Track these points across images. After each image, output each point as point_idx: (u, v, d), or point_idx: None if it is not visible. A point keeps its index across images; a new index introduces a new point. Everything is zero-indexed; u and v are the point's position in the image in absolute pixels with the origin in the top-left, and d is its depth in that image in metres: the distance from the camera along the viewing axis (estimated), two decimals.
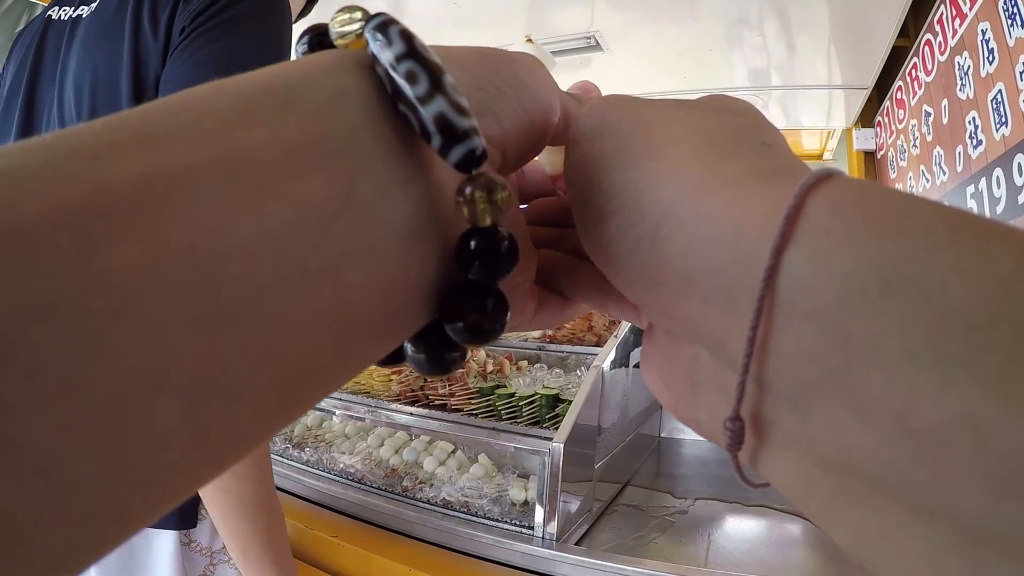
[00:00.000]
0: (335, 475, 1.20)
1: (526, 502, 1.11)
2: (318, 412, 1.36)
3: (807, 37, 1.96)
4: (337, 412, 1.32)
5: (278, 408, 0.14)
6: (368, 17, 0.17)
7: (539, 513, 1.06)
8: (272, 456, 1.25)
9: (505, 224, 0.17)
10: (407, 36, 0.16)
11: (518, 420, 1.14)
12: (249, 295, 0.13)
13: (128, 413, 0.11)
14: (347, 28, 0.17)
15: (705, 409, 0.18)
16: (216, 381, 0.12)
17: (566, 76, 2.21)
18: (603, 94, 0.25)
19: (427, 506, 1.12)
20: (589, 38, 1.86)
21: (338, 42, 0.17)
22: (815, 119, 2.56)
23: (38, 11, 2.29)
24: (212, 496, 0.71)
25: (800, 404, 0.14)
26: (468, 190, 0.16)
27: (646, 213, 0.17)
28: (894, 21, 1.88)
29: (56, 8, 0.81)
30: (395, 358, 0.19)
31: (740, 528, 1.24)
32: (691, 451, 1.62)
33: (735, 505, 1.30)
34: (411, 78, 0.15)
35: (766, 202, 0.15)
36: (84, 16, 0.76)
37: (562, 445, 1.04)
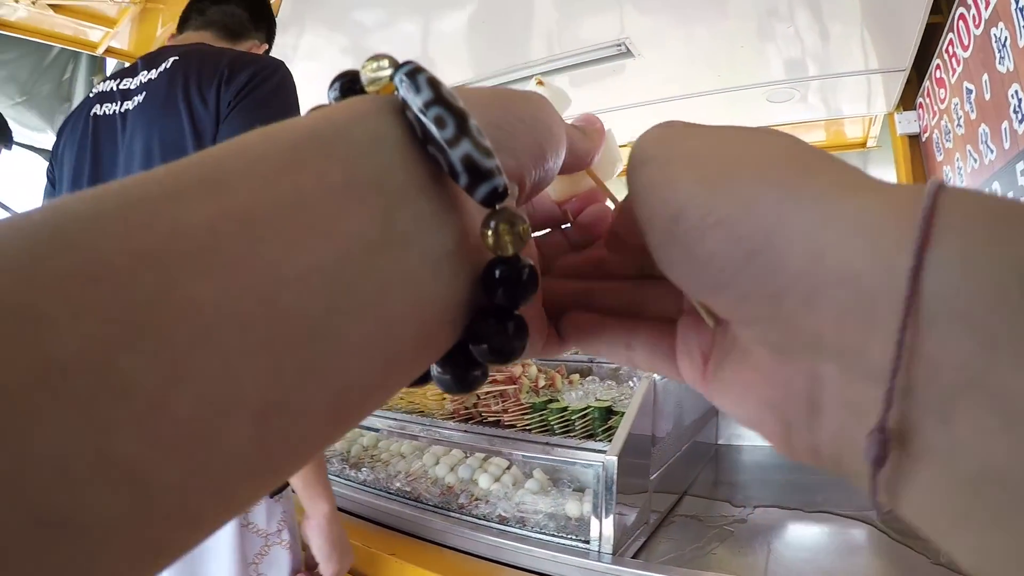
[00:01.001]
0: (392, 494, 1.24)
1: (582, 516, 1.12)
2: (373, 432, 1.41)
3: (839, 23, 1.94)
4: (393, 432, 1.37)
5: (333, 424, 0.16)
6: (397, 65, 0.18)
7: (594, 526, 1.07)
8: (330, 477, 1.30)
9: (525, 254, 0.19)
10: (434, 83, 0.17)
11: (571, 434, 1.16)
12: (307, 323, 0.14)
13: (206, 430, 0.12)
14: (378, 74, 0.19)
15: (828, 432, 0.17)
16: (280, 401, 0.14)
17: (599, 85, 2.24)
18: (604, 125, 0.29)
19: (483, 522, 1.14)
20: (620, 45, 1.88)
21: (369, 88, 0.19)
22: (856, 106, 2.52)
23: (83, 61, 2.45)
24: None
25: (944, 411, 0.13)
26: (493, 223, 0.18)
27: (759, 223, 0.17)
28: None
29: (98, 106, 1.02)
30: (420, 379, 0.20)
31: (801, 535, 1.23)
32: (750, 457, 1.61)
33: (796, 512, 1.29)
34: (439, 123, 0.17)
35: (894, 206, 0.15)
36: (132, 109, 0.99)
37: (616, 457, 1.05)
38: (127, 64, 2.26)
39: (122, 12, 2.03)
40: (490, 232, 0.18)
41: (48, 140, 2.54)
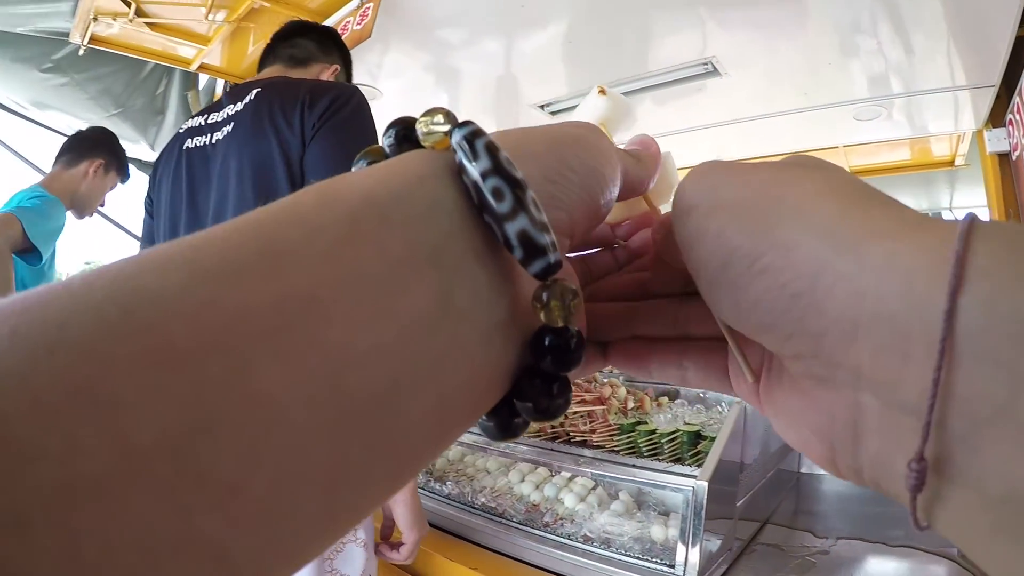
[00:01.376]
0: (476, 508, 1.28)
1: (667, 540, 1.15)
2: (459, 447, 1.46)
3: (924, 39, 1.91)
4: (478, 447, 1.41)
5: (391, 488, 0.17)
6: (454, 122, 0.19)
7: (680, 551, 1.09)
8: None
9: (574, 321, 0.19)
10: (492, 150, 0.18)
11: (660, 457, 1.18)
12: (370, 401, 0.15)
13: (280, 507, 0.13)
14: (434, 129, 0.19)
15: (868, 456, 0.18)
16: (348, 476, 0.15)
17: (681, 104, 2.27)
18: (657, 143, 0.29)
19: (568, 541, 1.18)
20: (707, 63, 1.92)
21: (425, 141, 0.20)
22: (942, 124, 2.46)
23: (176, 76, 2.60)
24: None
25: (972, 441, 0.15)
26: (545, 296, 0.19)
27: (801, 270, 0.18)
28: (1014, 10, 1.80)
29: (189, 140, 1.17)
30: None
31: (883, 570, 1.23)
32: (832, 487, 1.60)
33: (878, 545, 1.28)
34: (497, 195, 0.17)
35: (926, 249, 0.16)
36: (221, 139, 1.12)
37: (706, 483, 1.07)
38: (220, 79, 2.40)
39: (216, 31, 2.15)
40: (541, 305, 0.19)
41: (142, 151, 2.73)
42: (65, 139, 1.92)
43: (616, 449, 1.21)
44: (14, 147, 2.63)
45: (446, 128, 0.19)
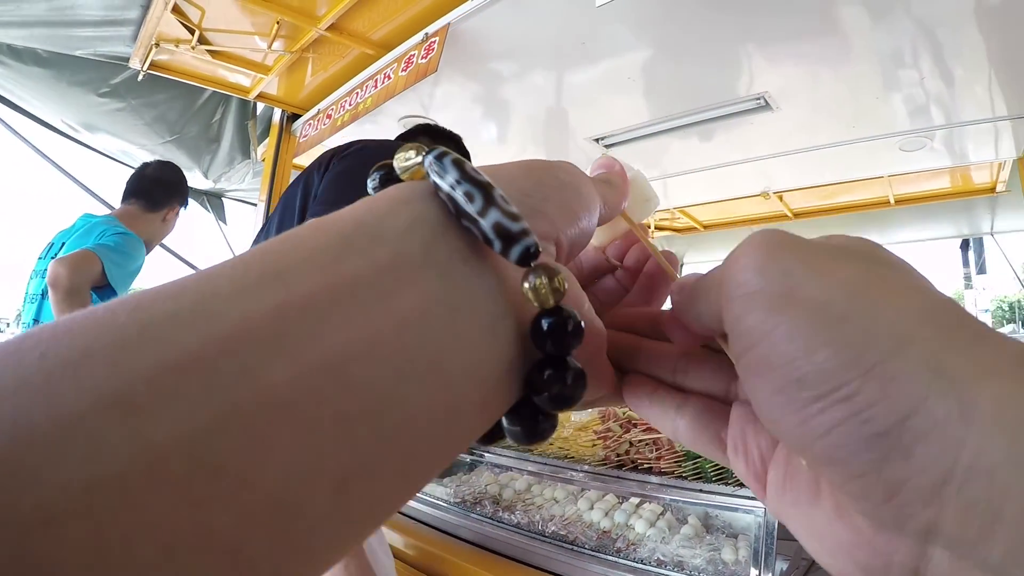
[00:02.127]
0: (546, 537, 1.35)
1: (738, 561, 1.22)
2: (526, 477, 1.54)
3: (963, 69, 2.00)
4: (545, 475, 1.49)
5: (404, 485, 0.18)
6: (425, 152, 0.21)
7: (753, 573, 1.16)
8: (483, 519, 1.44)
9: (569, 303, 0.21)
10: (459, 163, 0.20)
11: (727, 481, 1.26)
12: (376, 391, 0.16)
13: (291, 500, 0.14)
14: (409, 163, 0.21)
15: None
16: (357, 468, 0.15)
17: (730, 136, 2.39)
18: (628, 166, 0.30)
19: (641, 566, 1.25)
20: (759, 98, 2.04)
21: (403, 176, 0.22)
22: (982, 152, 2.57)
23: (232, 105, 2.71)
24: None
25: None
26: (531, 279, 0.20)
27: (894, 408, 0.16)
28: None
29: None
30: (494, 437, 0.22)
31: None
32: None
33: None
34: (468, 197, 0.19)
35: None
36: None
37: None
38: (276, 108, 2.52)
39: (277, 61, 2.22)
40: (529, 288, 0.20)
41: (196, 179, 2.82)
42: (134, 174, 2.01)
43: (683, 475, 1.29)
44: (62, 165, 2.66)
45: (419, 159, 0.21)
